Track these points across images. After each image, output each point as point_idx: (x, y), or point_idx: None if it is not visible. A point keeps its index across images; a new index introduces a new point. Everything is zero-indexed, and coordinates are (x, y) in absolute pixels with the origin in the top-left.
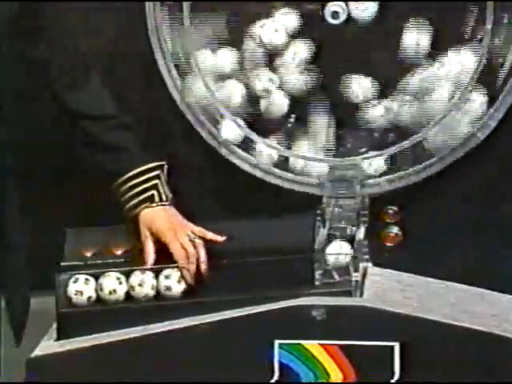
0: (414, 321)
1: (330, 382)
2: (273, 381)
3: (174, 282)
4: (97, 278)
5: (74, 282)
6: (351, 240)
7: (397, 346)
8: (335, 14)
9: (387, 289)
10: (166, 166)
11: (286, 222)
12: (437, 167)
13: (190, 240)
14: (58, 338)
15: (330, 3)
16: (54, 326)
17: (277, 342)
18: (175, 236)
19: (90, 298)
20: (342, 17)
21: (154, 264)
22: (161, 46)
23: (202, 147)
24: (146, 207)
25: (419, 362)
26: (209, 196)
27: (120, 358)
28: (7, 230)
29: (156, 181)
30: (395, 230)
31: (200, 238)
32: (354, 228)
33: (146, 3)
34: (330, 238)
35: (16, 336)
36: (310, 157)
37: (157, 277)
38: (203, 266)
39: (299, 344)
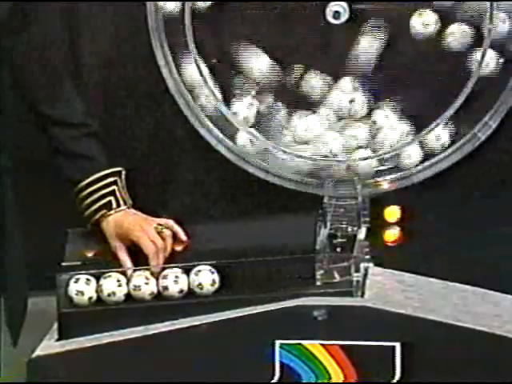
0: (415, 321)
1: (330, 382)
2: (274, 381)
3: (171, 282)
4: (98, 278)
5: (75, 282)
6: (352, 240)
7: (398, 346)
8: (336, 14)
9: (388, 289)
10: (123, 173)
11: (287, 222)
12: (438, 167)
13: (158, 232)
14: (59, 338)
15: (332, 3)
16: (55, 326)
17: (278, 342)
18: (143, 230)
19: (90, 298)
20: (344, 17)
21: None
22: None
23: (202, 146)
24: (105, 214)
25: (420, 362)
26: (209, 196)
27: (121, 358)
28: (6, 229)
29: (113, 187)
30: (396, 229)
31: (167, 228)
32: (355, 228)
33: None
34: (330, 238)
35: (13, 337)
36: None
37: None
38: (167, 253)
39: (300, 344)
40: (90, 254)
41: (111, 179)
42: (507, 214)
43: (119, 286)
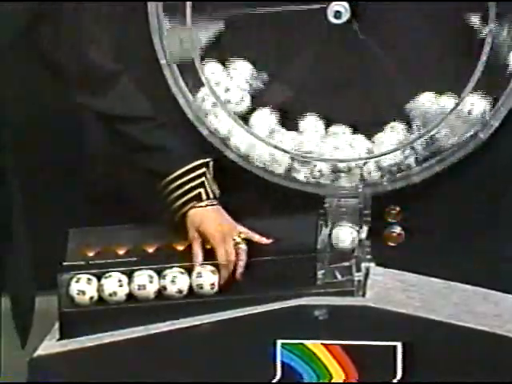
0: (416, 321)
1: (332, 382)
2: (275, 381)
3: (206, 281)
4: (99, 277)
5: (77, 281)
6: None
7: (399, 345)
8: (338, 14)
9: (390, 288)
10: (211, 163)
11: (288, 222)
12: (439, 167)
13: (235, 244)
14: (61, 338)
15: (333, 3)
16: (57, 325)
17: (279, 342)
18: (223, 240)
19: (92, 297)
20: (345, 16)
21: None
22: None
23: (205, 146)
24: (194, 206)
25: (421, 362)
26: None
27: (123, 357)
28: (12, 230)
29: (202, 179)
30: (397, 229)
31: (246, 240)
32: (356, 228)
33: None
34: (332, 238)
35: (22, 338)
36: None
37: (189, 274)
38: (238, 272)
39: (302, 344)
40: (91, 254)
41: (200, 171)
42: (509, 214)
43: (120, 285)
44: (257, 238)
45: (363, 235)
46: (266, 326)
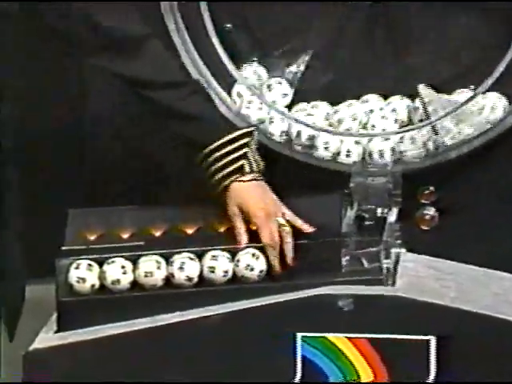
0: (451, 312)
1: (358, 382)
2: (296, 380)
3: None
4: (101, 263)
5: (76, 267)
6: (381, 223)
7: (433, 340)
8: None
9: (422, 277)
10: (255, 133)
11: (309, 203)
12: (477, 141)
13: (280, 226)
14: (58, 330)
15: None
16: (54, 316)
17: (299, 335)
18: (267, 220)
19: (93, 285)
20: None
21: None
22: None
23: None
24: (236, 180)
25: (457, 357)
26: None
27: (127, 351)
28: (4, 215)
29: (245, 149)
30: (431, 211)
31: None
32: (385, 210)
33: None
34: (358, 221)
35: (9, 331)
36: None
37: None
38: (289, 258)
39: (324, 337)
40: (92, 237)
41: (243, 141)
42: None
43: (124, 272)
44: (299, 223)
45: (393, 218)
46: (284, 318)
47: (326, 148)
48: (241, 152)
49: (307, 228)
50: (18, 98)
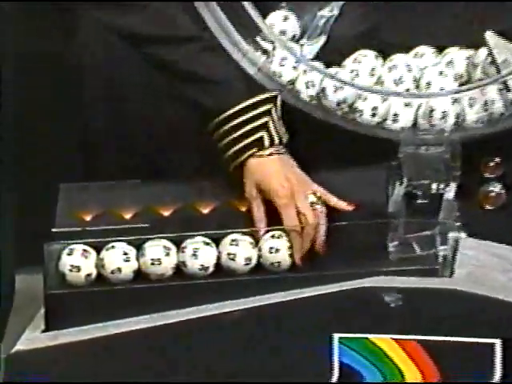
0: None
1: (407, 383)
2: None
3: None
4: (99, 249)
5: (69, 254)
6: (437, 201)
7: (498, 343)
8: None
9: (486, 267)
10: (279, 99)
11: (349, 179)
12: None
13: (312, 204)
14: (47, 329)
15: None
16: (41, 312)
17: (336, 336)
18: (291, 198)
19: (89, 275)
20: None
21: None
22: None
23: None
24: (253, 155)
25: None
26: None
27: (128, 355)
28: None
29: (266, 118)
30: (497, 187)
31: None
32: (441, 185)
33: None
34: (408, 199)
35: None
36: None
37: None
38: (319, 244)
39: (366, 339)
40: (88, 218)
41: (264, 108)
42: None
43: (127, 260)
44: (334, 201)
45: (450, 195)
46: (318, 316)
47: (371, 111)
48: (260, 121)
49: (345, 205)
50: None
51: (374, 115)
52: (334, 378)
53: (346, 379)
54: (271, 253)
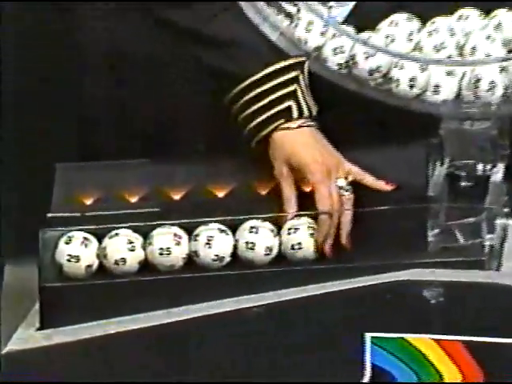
0: None
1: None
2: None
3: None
4: (101, 237)
5: (67, 242)
6: (483, 184)
7: None
8: None
9: None
10: (306, 64)
11: (384, 158)
12: None
13: (340, 189)
14: (42, 326)
15: None
16: (36, 307)
17: (368, 336)
18: (327, 177)
19: (89, 266)
20: None
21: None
22: None
23: None
24: (280, 126)
25: None
26: None
27: (133, 356)
28: None
29: (294, 86)
30: None
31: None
32: (488, 166)
33: None
34: (451, 181)
35: None
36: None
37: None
38: (344, 235)
39: (402, 339)
40: (88, 201)
41: (291, 75)
42: None
43: (132, 249)
44: (371, 180)
45: (498, 177)
46: (348, 313)
47: (409, 81)
48: (287, 89)
49: (384, 185)
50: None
51: (411, 86)
52: (365, 381)
53: (378, 381)
54: (289, 234)
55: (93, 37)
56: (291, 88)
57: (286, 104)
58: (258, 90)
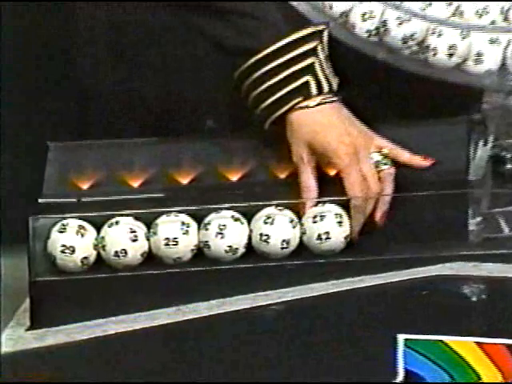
0: None
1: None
2: None
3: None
4: (99, 225)
5: (61, 231)
6: None
7: None
8: None
9: None
10: (326, 34)
11: (421, 136)
12: None
13: (377, 164)
14: (32, 326)
15: None
16: (26, 304)
17: (401, 338)
18: (355, 158)
19: (86, 258)
20: None
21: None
22: None
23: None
24: (297, 106)
25: None
26: None
27: (135, 359)
28: None
29: (311, 59)
30: None
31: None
32: None
33: None
34: (494, 163)
35: None
36: None
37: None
38: (380, 211)
39: (440, 341)
40: (85, 185)
41: (308, 46)
42: None
43: (134, 239)
44: (406, 156)
45: None
46: (378, 312)
47: (447, 50)
48: (304, 63)
49: (422, 161)
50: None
51: (450, 55)
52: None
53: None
54: (315, 222)
55: (92, 10)
56: (308, 61)
57: (302, 80)
58: (271, 65)
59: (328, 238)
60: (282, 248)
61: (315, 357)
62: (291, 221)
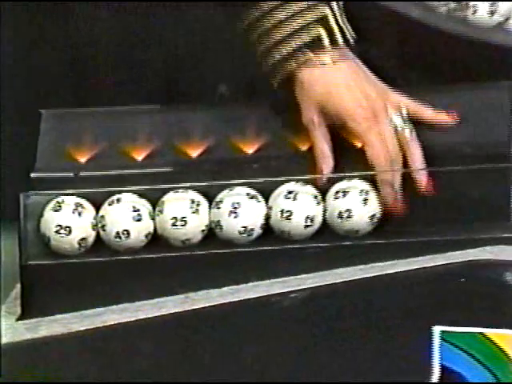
0: None
1: None
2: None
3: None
4: (99, 203)
5: (56, 209)
6: None
7: None
8: None
9: None
10: None
11: (457, 102)
12: None
13: (398, 129)
14: (23, 315)
15: None
16: (17, 290)
17: (437, 330)
18: (374, 121)
19: (83, 240)
20: None
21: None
22: None
23: None
24: (309, 61)
25: None
26: None
27: (138, 352)
28: None
29: (325, 11)
30: None
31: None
32: None
33: None
34: None
35: None
36: None
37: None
38: (421, 177)
39: (480, 334)
40: (83, 158)
41: None
42: None
43: (138, 219)
44: (430, 113)
45: None
46: (410, 300)
47: (488, 7)
48: (315, 13)
49: (447, 117)
50: None
51: (492, 12)
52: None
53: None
54: (337, 199)
55: None
56: (320, 11)
57: (314, 32)
58: (280, 16)
59: (349, 217)
60: (306, 226)
61: (338, 352)
62: (315, 197)
